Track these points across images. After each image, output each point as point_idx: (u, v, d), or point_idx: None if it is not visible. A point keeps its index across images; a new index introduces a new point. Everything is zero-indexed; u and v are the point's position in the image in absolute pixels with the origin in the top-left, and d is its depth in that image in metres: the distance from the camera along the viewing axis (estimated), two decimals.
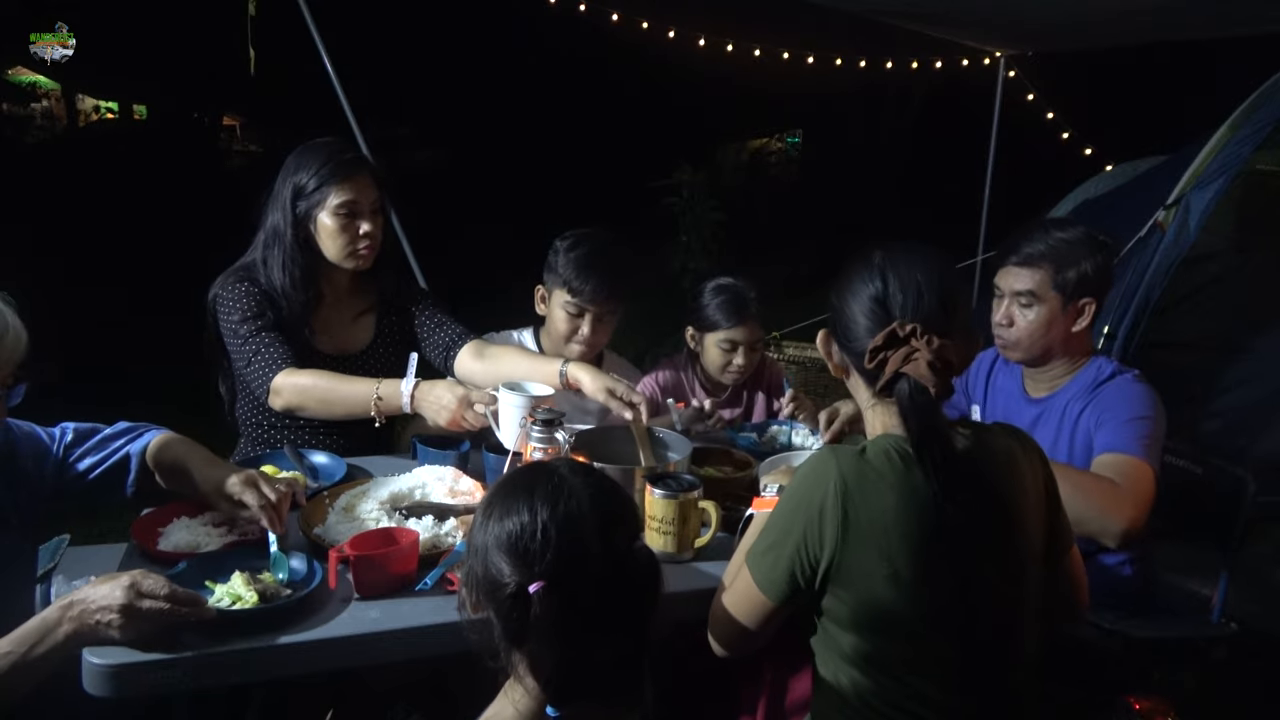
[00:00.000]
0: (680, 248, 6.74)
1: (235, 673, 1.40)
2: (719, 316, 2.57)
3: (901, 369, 1.31)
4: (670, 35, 5.82)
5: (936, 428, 1.31)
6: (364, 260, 2.23)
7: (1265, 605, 2.58)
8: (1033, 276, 2.07)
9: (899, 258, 1.39)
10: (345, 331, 2.34)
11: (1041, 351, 2.12)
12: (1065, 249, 2.05)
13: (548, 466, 1.19)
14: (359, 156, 2.24)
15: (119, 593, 1.34)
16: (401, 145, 15.40)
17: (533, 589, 1.05)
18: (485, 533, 1.13)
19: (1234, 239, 3.85)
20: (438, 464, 1.99)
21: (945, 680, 1.33)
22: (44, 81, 20.21)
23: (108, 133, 19.73)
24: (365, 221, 2.19)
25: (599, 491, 1.14)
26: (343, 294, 2.33)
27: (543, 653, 1.08)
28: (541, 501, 1.10)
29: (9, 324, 1.55)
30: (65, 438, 1.79)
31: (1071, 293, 2.05)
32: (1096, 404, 2.02)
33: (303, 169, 2.18)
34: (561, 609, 1.06)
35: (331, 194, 2.15)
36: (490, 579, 1.10)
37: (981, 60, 6.16)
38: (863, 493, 1.30)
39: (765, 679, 1.67)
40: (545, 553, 1.07)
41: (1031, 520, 1.40)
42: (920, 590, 1.29)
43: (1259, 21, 4.36)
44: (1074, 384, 2.10)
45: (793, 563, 1.32)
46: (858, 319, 1.38)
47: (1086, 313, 2.07)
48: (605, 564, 1.09)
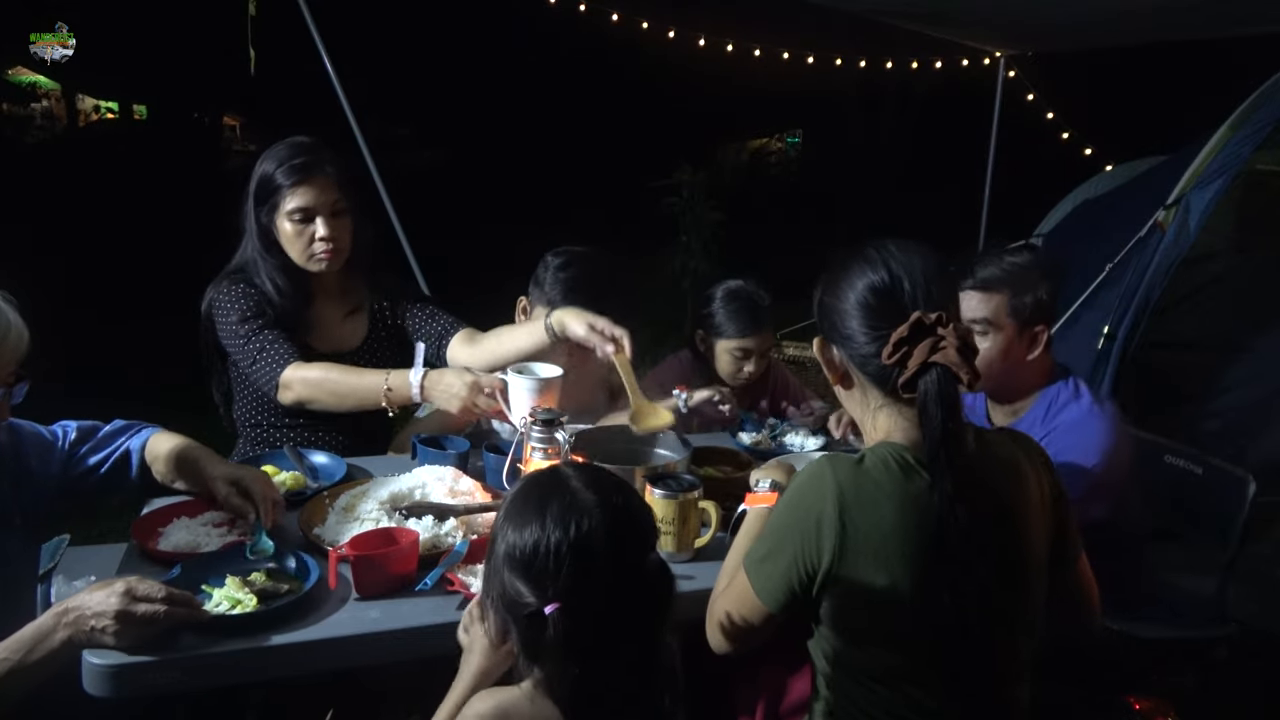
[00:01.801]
0: (680, 248, 6.75)
1: (235, 673, 1.39)
2: (732, 324, 2.52)
3: (930, 359, 1.25)
4: (670, 35, 5.83)
5: (959, 424, 1.26)
6: (324, 263, 2.19)
7: (1265, 605, 2.58)
8: (989, 303, 1.97)
9: (894, 249, 1.35)
10: (338, 330, 2.33)
11: (999, 382, 2.02)
12: (1021, 274, 1.97)
13: (561, 480, 1.18)
14: (313, 159, 2.16)
15: (114, 599, 1.34)
16: (401, 145, 15.40)
17: (548, 610, 1.07)
18: (501, 546, 1.14)
19: (1234, 239, 3.86)
20: (438, 464, 1.99)
21: (938, 688, 1.32)
22: (44, 81, 20.23)
23: (108, 133, 19.75)
24: (322, 225, 2.15)
25: (611, 507, 1.13)
26: (332, 293, 2.32)
27: (559, 669, 1.10)
28: (554, 521, 1.10)
29: (11, 322, 1.55)
30: (69, 435, 1.80)
31: (1027, 319, 1.97)
32: (1053, 443, 1.88)
33: (264, 170, 2.17)
34: (576, 627, 1.07)
35: (285, 198, 2.13)
36: (509, 598, 1.12)
37: (981, 60, 6.16)
38: (860, 503, 1.28)
39: (763, 680, 1.67)
40: (559, 574, 1.08)
41: (1034, 528, 1.37)
42: (918, 599, 1.28)
43: (1259, 21, 4.37)
44: (1033, 411, 2.03)
45: (790, 572, 1.31)
46: (860, 315, 1.33)
47: (1040, 340, 1.99)
48: (619, 580, 1.10)
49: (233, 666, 1.37)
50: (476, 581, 1.54)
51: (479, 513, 1.76)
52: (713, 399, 2.36)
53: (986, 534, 1.30)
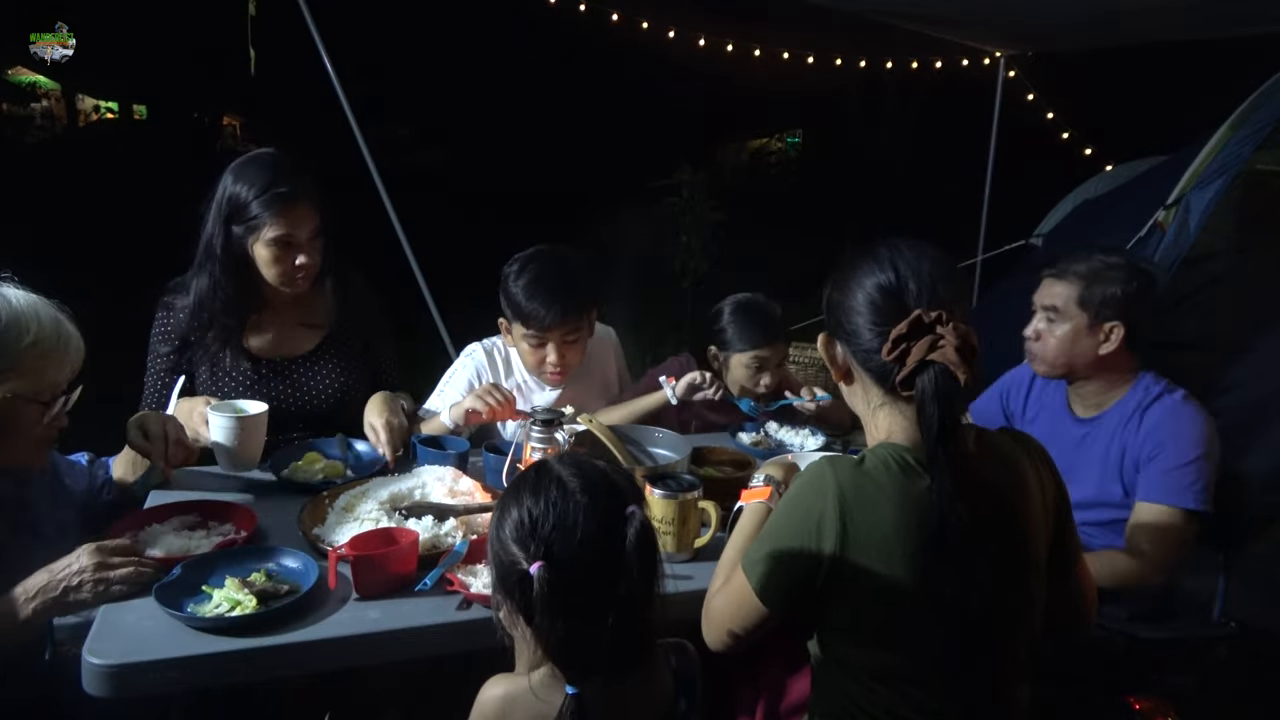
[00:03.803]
0: (680, 248, 6.75)
1: (235, 673, 1.39)
2: (745, 337, 2.50)
3: (928, 356, 1.26)
4: (670, 35, 5.83)
5: (956, 423, 1.27)
6: (300, 286, 2.20)
7: (1265, 605, 2.58)
8: (1061, 291, 2.08)
9: (904, 249, 1.36)
10: (286, 337, 2.30)
11: (1065, 368, 2.12)
12: (1100, 270, 2.06)
13: (542, 464, 1.27)
14: (296, 187, 2.13)
15: (85, 558, 1.45)
16: (401, 145, 15.41)
17: (533, 569, 1.14)
18: (496, 533, 1.23)
19: (1234, 239, 3.85)
20: (438, 464, 1.99)
21: (939, 688, 1.32)
22: (44, 81, 20.25)
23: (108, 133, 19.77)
24: (302, 254, 2.15)
25: (585, 476, 1.22)
26: (286, 301, 2.28)
27: (549, 625, 1.16)
28: (532, 496, 1.20)
29: (70, 334, 1.58)
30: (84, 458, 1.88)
31: (1097, 313, 2.05)
32: (1147, 431, 2.01)
33: (240, 190, 2.12)
34: (560, 582, 1.15)
35: (267, 226, 2.11)
36: (501, 566, 1.21)
37: (981, 60, 6.16)
38: (861, 504, 1.28)
39: (763, 680, 1.67)
40: (538, 534, 1.17)
41: (1035, 528, 1.37)
42: (919, 600, 1.28)
43: (1259, 21, 4.36)
44: (1121, 406, 2.09)
45: (789, 573, 1.31)
46: (866, 313, 1.34)
47: (1114, 337, 2.05)
48: (597, 537, 1.18)
49: (233, 666, 1.37)
50: (477, 581, 1.55)
51: (479, 513, 1.76)
52: (695, 382, 2.37)
53: (987, 533, 1.30)
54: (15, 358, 1.48)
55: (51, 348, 1.53)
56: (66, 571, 1.44)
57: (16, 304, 1.51)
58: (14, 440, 1.53)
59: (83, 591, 1.43)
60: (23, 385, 1.50)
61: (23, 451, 1.56)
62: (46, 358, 1.53)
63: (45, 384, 1.54)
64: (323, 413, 2.27)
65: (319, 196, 2.19)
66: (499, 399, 2.16)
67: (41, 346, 1.51)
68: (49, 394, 1.55)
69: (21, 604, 1.43)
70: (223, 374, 2.22)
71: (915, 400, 1.29)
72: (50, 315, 1.55)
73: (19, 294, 1.54)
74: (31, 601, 1.43)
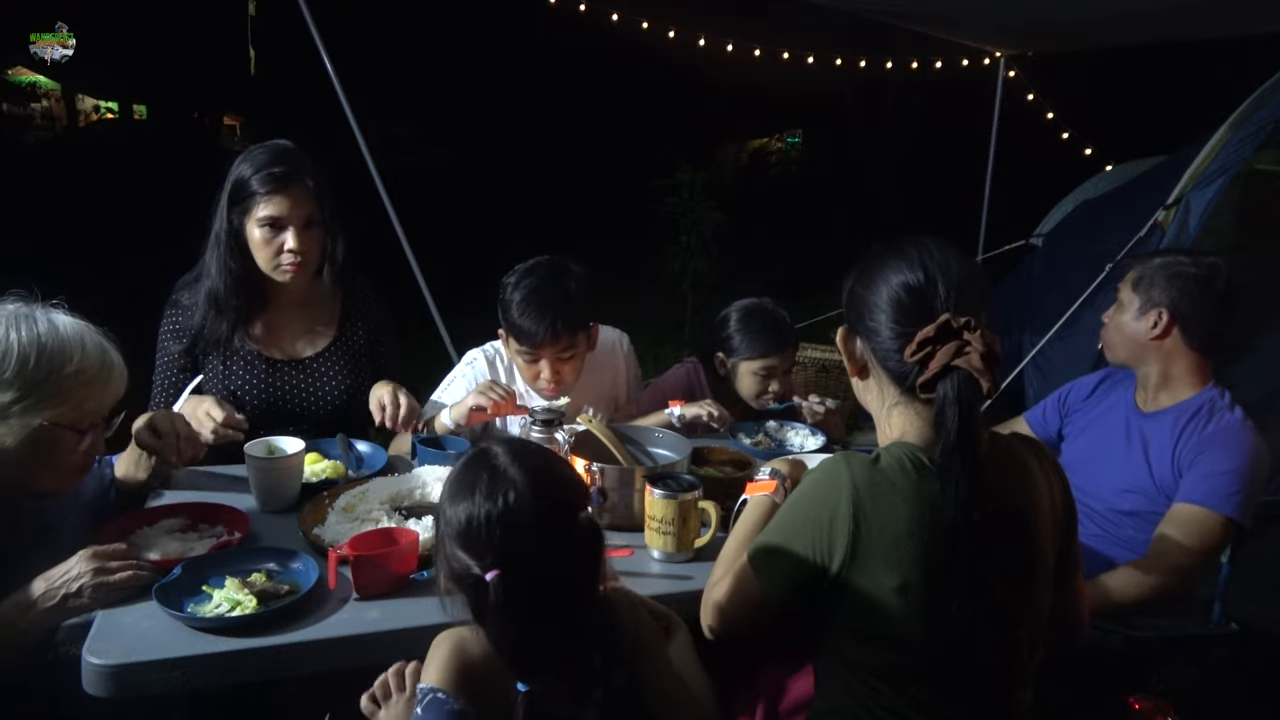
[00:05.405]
0: (680, 248, 6.74)
1: (235, 673, 1.39)
2: (754, 344, 2.47)
3: (952, 362, 1.25)
4: (670, 35, 5.82)
5: (975, 429, 1.25)
6: (289, 274, 2.18)
7: (1265, 605, 2.58)
8: (1127, 279, 2.21)
9: (933, 249, 1.33)
10: (296, 338, 2.31)
11: (1123, 351, 2.20)
12: (1160, 261, 2.16)
13: (489, 456, 1.24)
14: (293, 170, 2.13)
15: (83, 564, 1.43)
16: (401, 145, 15.41)
17: (489, 577, 1.15)
18: (444, 524, 1.23)
19: (1234, 239, 3.85)
20: (438, 464, 1.99)
21: (943, 689, 1.32)
22: (44, 81, 20.24)
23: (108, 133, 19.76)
24: (290, 237, 2.13)
25: (535, 476, 1.20)
26: (294, 301, 2.29)
27: (502, 628, 1.18)
28: (484, 495, 1.18)
29: (115, 362, 1.58)
30: (104, 469, 1.86)
31: (1147, 299, 2.13)
32: (1200, 439, 2.03)
33: (243, 170, 2.14)
34: (514, 590, 1.15)
35: (259, 205, 2.11)
36: (453, 569, 1.20)
37: (981, 60, 6.16)
38: (875, 503, 1.27)
39: (763, 681, 1.67)
40: (492, 543, 1.17)
41: (1044, 535, 1.36)
42: (927, 600, 1.27)
43: (1259, 21, 4.36)
44: (1181, 409, 2.11)
45: (798, 567, 1.31)
46: (890, 311, 1.32)
47: (1159, 323, 2.10)
48: (549, 544, 1.18)
49: (233, 667, 1.37)
50: None
51: None
52: (702, 417, 2.32)
53: (998, 537, 1.29)
54: (57, 385, 1.48)
55: (94, 376, 1.53)
56: (65, 578, 1.43)
57: (64, 331, 1.51)
58: (48, 466, 1.52)
59: (82, 597, 1.42)
60: (63, 413, 1.49)
61: (56, 478, 1.56)
62: (89, 386, 1.52)
63: (85, 412, 1.53)
64: (327, 414, 2.27)
65: (321, 188, 2.18)
66: (500, 394, 2.17)
67: (85, 375, 1.51)
68: (87, 422, 1.54)
69: (20, 614, 1.41)
70: (233, 371, 2.22)
71: (935, 404, 1.27)
72: (96, 344, 1.54)
73: (67, 320, 1.53)
74: (30, 611, 1.41)
